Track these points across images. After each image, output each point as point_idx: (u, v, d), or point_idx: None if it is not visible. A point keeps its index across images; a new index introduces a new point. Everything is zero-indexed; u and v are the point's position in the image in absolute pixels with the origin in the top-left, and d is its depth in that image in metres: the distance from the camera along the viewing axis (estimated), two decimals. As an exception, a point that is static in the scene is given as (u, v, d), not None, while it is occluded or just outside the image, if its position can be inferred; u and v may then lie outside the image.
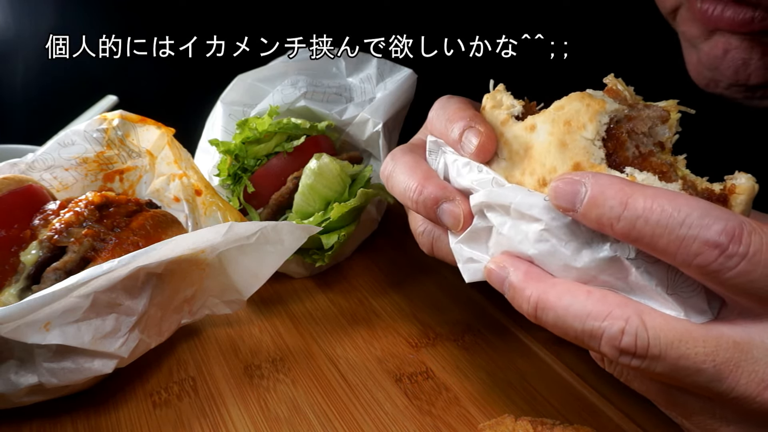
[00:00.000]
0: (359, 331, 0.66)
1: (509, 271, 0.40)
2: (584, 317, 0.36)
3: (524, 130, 0.43)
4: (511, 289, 0.40)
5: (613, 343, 0.35)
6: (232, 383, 0.59)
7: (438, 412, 0.55)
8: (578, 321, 0.37)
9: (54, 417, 0.55)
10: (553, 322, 0.38)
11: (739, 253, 0.32)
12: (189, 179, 0.66)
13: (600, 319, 0.36)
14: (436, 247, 0.52)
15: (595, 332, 0.36)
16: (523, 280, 0.39)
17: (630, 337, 0.35)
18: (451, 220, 0.46)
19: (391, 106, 0.77)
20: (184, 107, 0.88)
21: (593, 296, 0.37)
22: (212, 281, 0.61)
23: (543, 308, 0.38)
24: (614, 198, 0.35)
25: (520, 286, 0.39)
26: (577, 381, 0.59)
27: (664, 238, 0.34)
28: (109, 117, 0.66)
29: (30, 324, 0.48)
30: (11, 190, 0.57)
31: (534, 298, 0.38)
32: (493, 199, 0.42)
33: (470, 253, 0.45)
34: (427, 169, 0.49)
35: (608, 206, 0.35)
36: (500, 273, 0.41)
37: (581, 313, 0.36)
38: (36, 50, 0.66)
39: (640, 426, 0.54)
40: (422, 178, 0.48)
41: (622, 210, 0.35)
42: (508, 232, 0.41)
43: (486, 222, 0.43)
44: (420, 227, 0.52)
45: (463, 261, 0.46)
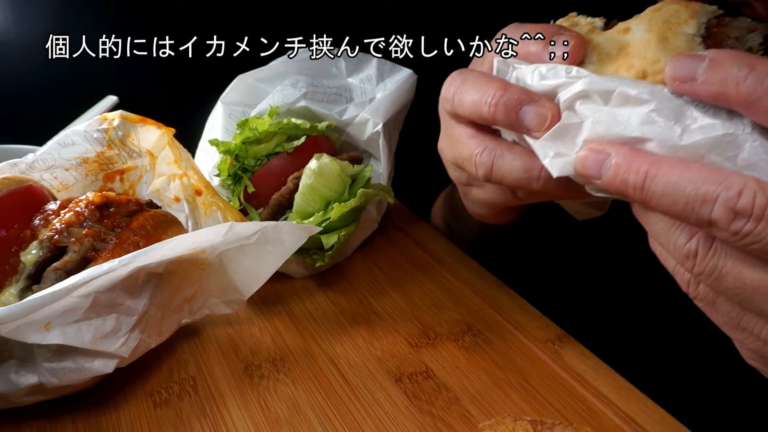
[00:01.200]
0: (359, 330, 0.66)
1: (611, 152, 0.39)
2: (699, 182, 0.35)
3: (617, 33, 0.43)
4: (615, 167, 0.38)
5: (729, 204, 0.34)
6: (233, 383, 0.59)
7: (438, 412, 0.55)
8: (692, 186, 0.35)
9: (54, 417, 0.55)
10: (663, 189, 0.36)
11: None
12: (189, 179, 0.66)
13: (716, 183, 0.35)
14: (497, 166, 0.49)
15: (710, 195, 0.35)
16: (630, 155, 0.38)
17: (748, 198, 0.34)
18: (537, 119, 0.43)
19: (391, 107, 0.77)
20: (184, 107, 0.88)
21: (706, 167, 0.36)
22: (212, 281, 0.61)
23: (654, 176, 0.37)
24: (741, 61, 0.35)
25: (627, 160, 0.38)
26: (577, 381, 0.59)
27: None
28: (110, 117, 0.66)
29: (30, 324, 0.48)
30: (11, 190, 0.57)
31: (644, 168, 0.37)
32: (594, 86, 0.40)
33: (558, 148, 0.43)
34: (501, 79, 0.47)
35: (735, 67, 0.35)
36: (598, 156, 0.39)
37: (696, 178, 0.35)
38: (36, 50, 0.66)
39: (640, 426, 0.54)
40: (500, 84, 0.46)
41: (749, 70, 0.34)
42: (607, 119, 0.40)
43: (576, 117, 0.42)
44: (477, 148, 0.50)
45: (551, 156, 0.43)
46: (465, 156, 0.51)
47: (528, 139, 0.45)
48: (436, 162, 0.59)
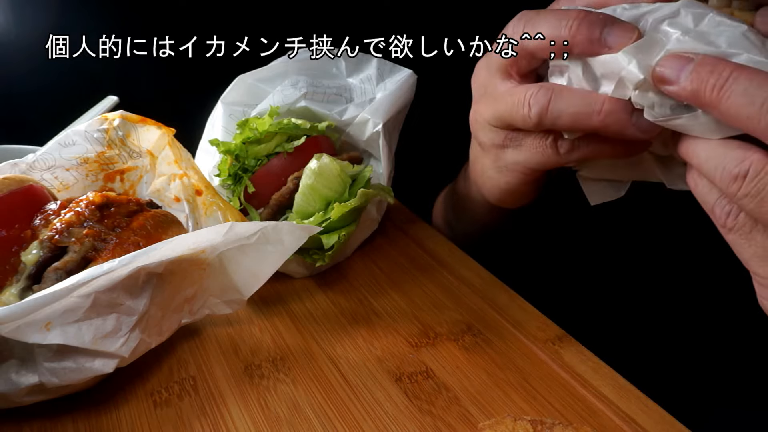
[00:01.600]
0: (359, 330, 0.66)
1: (694, 58, 0.38)
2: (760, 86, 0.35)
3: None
4: (696, 70, 0.38)
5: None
6: (233, 383, 0.59)
7: (438, 412, 0.55)
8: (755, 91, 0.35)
9: (54, 417, 0.55)
10: (744, 88, 0.36)
11: None
12: (189, 179, 0.66)
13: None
14: (554, 101, 0.48)
15: None
16: (713, 61, 0.38)
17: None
18: (621, 37, 0.42)
19: (392, 107, 0.77)
20: (184, 107, 0.88)
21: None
22: (212, 281, 0.61)
23: (737, 77, 0.37)
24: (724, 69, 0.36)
25: (712, 62, 0.38)
26: (577, 381, 0.59)
27: None
28: (110, 117, 0.66)
29: (31, 324, 0.48)
30: (12, 190, 0.57)
31: (729, 70, 0.37)
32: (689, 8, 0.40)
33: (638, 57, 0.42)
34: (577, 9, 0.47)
35: None
36: (680, 60, 0.39)
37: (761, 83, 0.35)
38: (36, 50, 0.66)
39: (640, 426, 0.54)
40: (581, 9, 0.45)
41: None
42: (694, 37, 0.39)
43: (661, 36, 0.41)
44: (531, 89, 0.49)
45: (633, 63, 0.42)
46: (516, 101, 0.50)
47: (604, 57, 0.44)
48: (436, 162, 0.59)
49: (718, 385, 0.74)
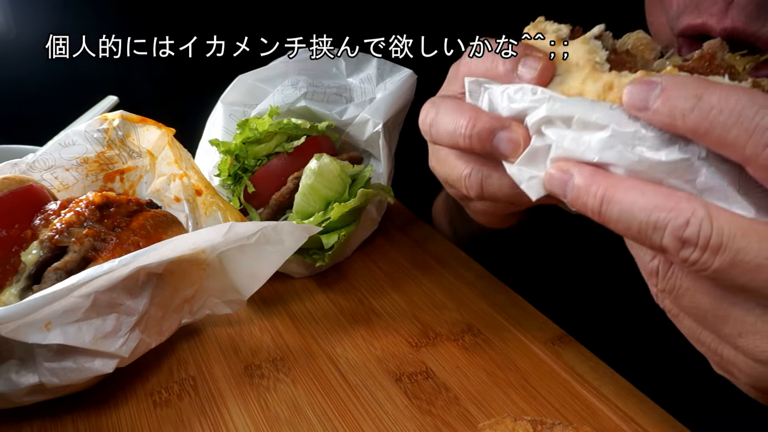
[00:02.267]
0: (359, 330, 0.66)
1: (574, 173, 0.39)
2: (650, 209, 0.36)
3: (581, 44, 0.43)
4: (576, 189, 0.39)
5: (677, 233, 0.35)
6: (233, 383, 0.59)
7: (438, 412, 0.55)
8: (644, 213, 0.36)
9: (55, 417, 0.55)
10: (618, 216, 0.37)
11: None
12: (189, 179, 0.66)
13: (666, 210, 0.35)
14: (486, 184, 0.50)
15: (660, 223, 0.36)
16: (589, 177, 0.39)
17: (694, 227, 0.35)
18: (510, 146, 0.44)
19: (391, 107, 0.77)
20: (184, 107, 0.88)
21: (661, 191, 0.36)
22: (212, 281, 0.61)
23: (609, 202, 0.37)
24: (689, 90, 0.35)
25: (586, 183, 0.39)
26: (577, 381, 0.59)
27: (735, 128, 0.33)
28: (110, 117, 0.66)
29: (31, 324, 0.48)
30: (12, 190, 0.57)
31: (600, 193, 0.38)
32: (554, 113, 0.41)
33: (531, 172, 0.44)
34: (472, 106, 0.48)
35: (682, 98, 0.35)
36: (563, 176, 0.40)
37: (648, 205, 0.36)
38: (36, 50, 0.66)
39: (640, 426, 0.54)
40: (472, 113, 0.47)
41: (696, 101, 0.35)
42: (569, 145, 0.40)
43: (543, 141, 0.43)
44: (465, 170, 0.51)
45: (526, 180, 0.44)
46: (454, 177, 0.52)
47: (505, 164, 0.46)
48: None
49: (717, 385, 0.74)
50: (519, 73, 0.44)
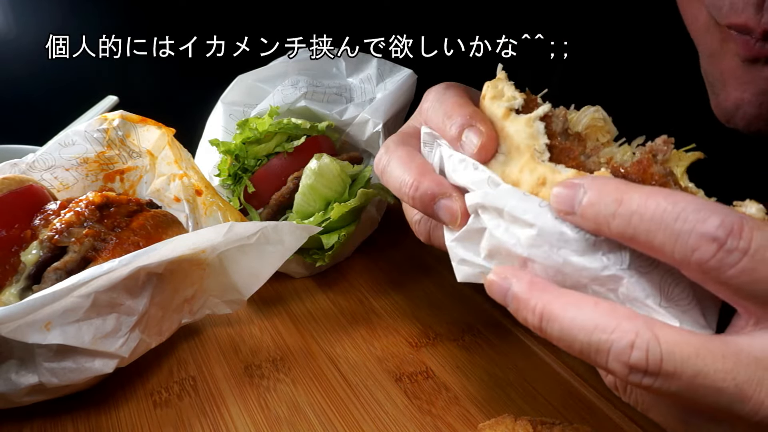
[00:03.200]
0: (359, 330, 0.66)
1: (512, 282, 0.38)
2: (591, 329, 0.33)
3: (527, 124, 0.42)
4: (515, 300, 0.38)
5: (621, 358, 0.32)
6: (233, 383, 0.59)
7: (438, 412, 0.55)
8: (584, 333, 0.34)
9: (54, 417, 0.55)
10: (558, 335, 0.35)
11: (740, 248, 0.30)
12: (189, 179, 0.66)
13: (608, 331, 0.33)
14: (433, 236, 0.51)
15: (602, 346, 0.33)
16: (527, 291, 0.37)
17: (641, 352, 0.32)
18: (449, 217, 0.44)
19: (391, 107, 0.77)
20: (184, 107, 0.88)
21: (600, 307, 0.34)
22: (212, 281, 0.61)
23: (548, 320, 0.35)
24: (610, 195, 0.34)
25: (524, 297, 0.37)
26: (577, 381, 0.59)
27: (660, 233, 0.32)
28: (110, 117, 0.66)
29: (31, 324, 0.48)
30: (12, 190, 0.57)
31: (539, 309, 0.36)
32: (487, 202, 0.41)
33: (464, 254, 0.45)
34: (422, 163, 0.48)
35: (604, 204, 0.34)
36: (502, 284, 0.39)
37: (588, 324, 0.34)
38: (36, 50, 0.66)
39: (640, 426, 0.54)
40: (418, 173, 0.47)
41: (617, 207, 0.33)
42: (502, 236, 0.40)
43: (480, 223, 0.43)
44: (416, 216, 0.52)
45: (457, 261, 0.45)
46: (408, 218, 0.53)
47: (445, 231, 0.46)
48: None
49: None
50: (461, 143, 0.44)
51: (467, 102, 0.47)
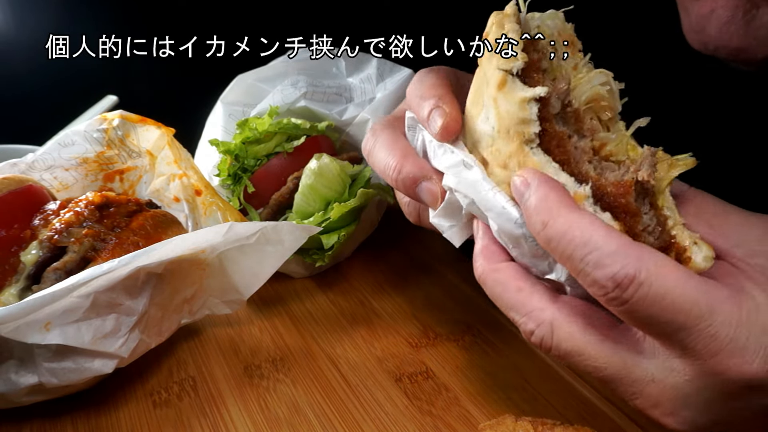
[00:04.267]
0: (359, 331, 0.66)
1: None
2: (509, 307, 0.43)
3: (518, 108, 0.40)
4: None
5: (525, 335, 0.42)
6: (232, 383, 0.59)
7: (438, 412, 0.55)
8: (506, 306, 0.43)
9: (54, 417, 0.55)
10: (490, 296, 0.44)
11: (622, 298, 0.36)
12: (189, 179, 0.66)
13: (521, 313, 0.42)
14: (422, 216, 0.54)
15: (515, 320, 0.43)
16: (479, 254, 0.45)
17: (537, 339, 0.41)
18: (430, 198, 0.48)
19: (391, 106, 0.77)
20: (184, 107, 0.88)
21: (523, 292, 0.42)
22: (212, 281, 0.61)
23: (483, 283, 0.44)
24: (539, 215, 0.39)
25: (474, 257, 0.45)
26: (577, 381, 0.59)
27: (568, 263, 0.38)
28: (109, 117, 0.66)
29: (30, 324, 0.48)
30: (11, 190, 0.57)
31: (478, 273, 0.45)
32: (460, 188, 0.44)
33: (449, 221, 0.48)
34: (405, 146, 0.50)
35: (533, 221, 0.39)
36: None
37: (507, 303, 0.43)
38: (36, 50, 0.66)
39: (640, 426, 0.54)
40: (401, 156, 0.49)
41: (542, 228, 0.39)
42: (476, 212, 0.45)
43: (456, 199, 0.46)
44: (404, 198, 0.54)
45: (447, 229, 0.49)
46: (399, 200, 0.56)
47: (430, 211, 0.49)
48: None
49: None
50: (428, 123, 0.47)
51: (442, 84, 0.49)
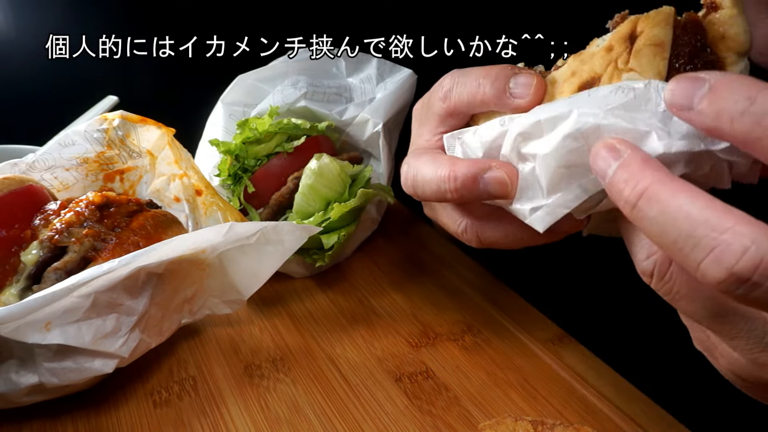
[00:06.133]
0: (359, 330, 0.66)
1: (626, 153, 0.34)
2: (699, 222, 0.30)
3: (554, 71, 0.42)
4: (623, 169, 0.34)
5: (725, 261, 0.29)
6: (233, 383, 0.59)
7: (438, 412, 0.55)
8: (688, 223, 0.30)
9: (54, 417, 0.55)
10: (655, 216, 0.32)
11: None
12: (189, 179, 0.66)
13: (719, 230, 0.29)
14: (483, 237, 0.48)
15: (705, 242, 0.29)
16: (640, 165, 0.33)
17: (752, 261, 0.28)
18: (499, 187, 0.41)
19: (391, 107, 0.77)
20: (184, 107, 0.88)
21: (716, 205, 0.30)
22: (212, 281, 0.61)
23: (649, 199, 0.32)
24: (741, 91, 0.31)
25: (635, 168, 0.33)
26: (577, 381, 0.59)
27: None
28: (110, 117, 0.66)
29: (31, 324, 0.48)
30: (12, 190, 0.57)
31: (642, 186, 0.32)
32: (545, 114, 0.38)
33: (530, 203, 0.41)
34: (449, 157, 0.46)
35: (733, 100, 0.31)
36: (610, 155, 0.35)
37: (696, 216, 0.30)
38: (36, 50, 0.66)
39: (640, 426, 0.54)
40: (449, 164, 0.44)
41: (749, 105, 0.30)
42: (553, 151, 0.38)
43: (529, 163, 0.41)
44: (460, 224, 0.49)
45: (528, 215, 0.41)
46: (452, 230, 0.50)
47: (503, 204, 0.43)
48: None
49: (717, 385, 0.74)
50: (510, 92, 0.42)
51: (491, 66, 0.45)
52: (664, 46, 0.38)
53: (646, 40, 0.38)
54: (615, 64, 0.39)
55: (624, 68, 0.38)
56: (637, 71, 0.38)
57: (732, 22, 0.38)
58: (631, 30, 0.39)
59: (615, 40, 0.40)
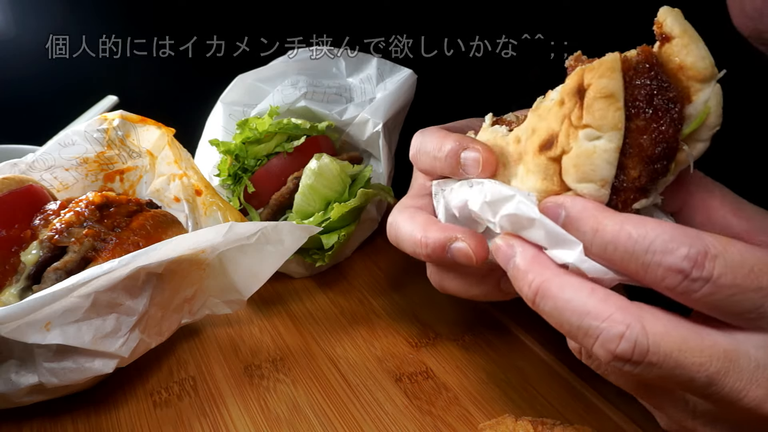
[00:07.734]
0: (359, 330, 0.66)
1: (517, 252, 0.40)
2: (583, 314, 0.35)
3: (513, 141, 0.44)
4: (515, 269, 0.39)
5: (608, 346, 0.34)
6: (232, 383, 0.59)
7: (438, 412, 0.55)
8: (576, 316, 0.36)
9: (54, 417, 0.55)
10: (550, 312, 0.37)
11: (702, 277, 0.33)
12: (189, 179, 0.66)
13: (600, 319, 0.35)
14: (444, 285, 0.52)
15: (591, 331, 0.35)
16: (529, 263, 0.39)
17: (628, 344, 0.34)
18: (464, 258, 0.45)
19: (391, 107, 0.77)
20: (184, 107, 0.88)
21: (596, 294, 0.36)
22: (212, 281, 0.61)
23: (543, 296, 0.37)
24: (586, 224, 0.37)
25: (524, 268, 0.39)
26: (577, 381, 0.59)
27: (632, 263, 0.35)
28: (110, 117, 0.66)
29: (30, 324, 0.48)
30: (12, 190, 0.57)
31: (536, 284, 0.38)
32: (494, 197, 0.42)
33: None
34: (425, 218, 0.49)
35: (582, 231, 0.37)
36: (507, 251, 0.40)
37: (581, 309, 0.35)
38: (36, 50, 0.66)
39: (640, 426, 0.54)
40: (423, 228, 0.48)
41: (593, 236, 0.36)
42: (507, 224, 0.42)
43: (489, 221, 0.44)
44: (428, 268, 0.53)
45: None
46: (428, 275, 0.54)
47: None
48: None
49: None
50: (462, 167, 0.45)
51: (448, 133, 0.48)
52: (615, 96, 0.37)
53: (596, 93, 0.37)
54: (569, 121, 0.38)
55: (579, 125, 0.38)
56: (593, 127, 0.37)
57: (687, 51, 0.38)
58: (578, 83, 0.38)
59: (565, 93, 0.39)
